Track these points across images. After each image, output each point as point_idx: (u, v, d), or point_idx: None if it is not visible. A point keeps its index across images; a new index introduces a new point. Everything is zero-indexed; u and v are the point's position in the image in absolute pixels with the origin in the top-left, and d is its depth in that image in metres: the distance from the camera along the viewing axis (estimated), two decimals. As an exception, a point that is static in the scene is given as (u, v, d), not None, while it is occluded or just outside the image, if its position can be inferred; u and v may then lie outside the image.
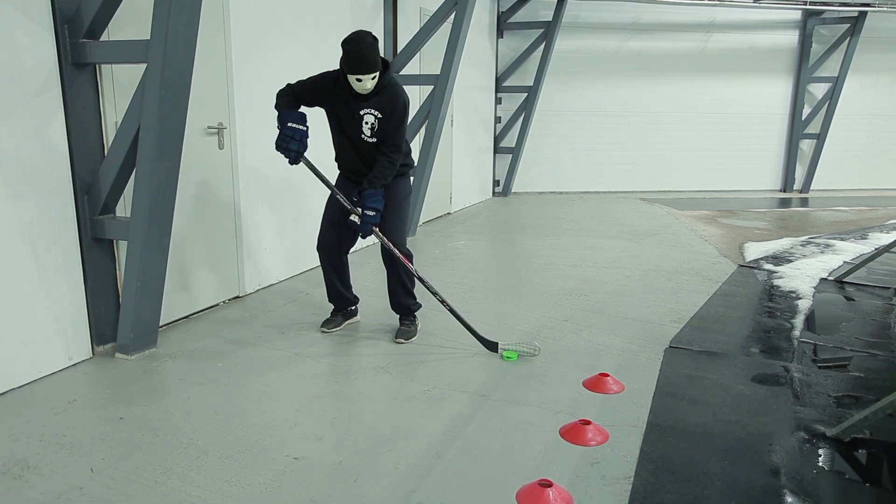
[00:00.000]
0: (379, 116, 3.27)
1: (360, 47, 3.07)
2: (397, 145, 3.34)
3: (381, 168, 3.32)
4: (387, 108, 3.26)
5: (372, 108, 3.27)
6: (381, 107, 3.27)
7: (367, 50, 3.08)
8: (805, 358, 3.48)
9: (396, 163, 3.36)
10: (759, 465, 2.39)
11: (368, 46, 3.09)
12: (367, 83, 3.15)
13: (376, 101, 3.26)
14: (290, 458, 2.40)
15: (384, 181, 3.33)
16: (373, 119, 3.28)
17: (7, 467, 2.30)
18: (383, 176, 3.32)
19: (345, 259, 3.71)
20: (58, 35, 2.98)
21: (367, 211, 3.28)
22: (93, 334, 3.28)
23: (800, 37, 10.66)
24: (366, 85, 3.16)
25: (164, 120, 2.99)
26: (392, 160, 3.33)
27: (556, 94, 10.16)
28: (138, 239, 3.12)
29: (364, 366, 3.31)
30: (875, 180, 11.35)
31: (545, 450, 2.49)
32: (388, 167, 3.32)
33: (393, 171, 3.36)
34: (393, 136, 3.32)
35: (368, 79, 3.14)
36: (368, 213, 3.28)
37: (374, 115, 3.27)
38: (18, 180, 2.87)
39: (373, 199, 3.28)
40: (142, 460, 2.36)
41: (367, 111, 3.28)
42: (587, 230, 7.29)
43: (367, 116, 3.28)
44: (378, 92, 3.25)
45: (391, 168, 3.34)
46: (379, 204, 3.29)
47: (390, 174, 3.35)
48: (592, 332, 3.82)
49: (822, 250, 6.27)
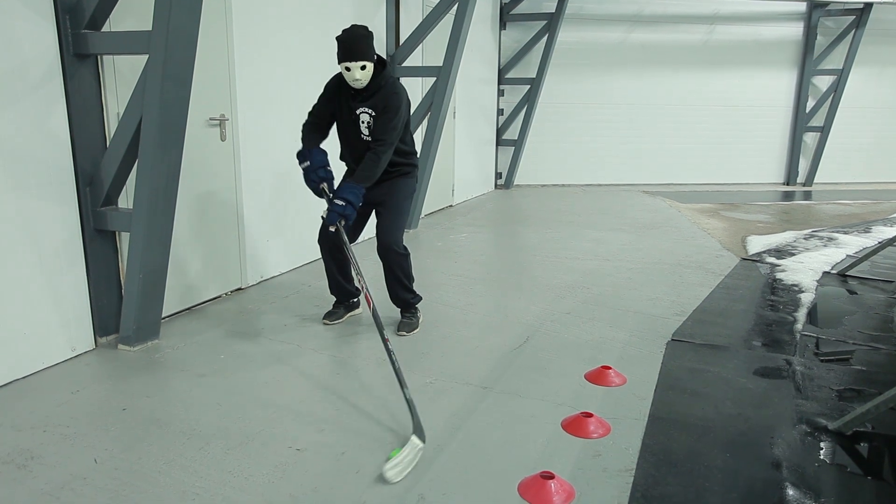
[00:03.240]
0: (373, 115, 3.27)
1: (350, 35, 3.12)
2: (384, 140, 3.25)
3: (367, 163, 3.25)
4: (380, 106, 3.25)
5: (367, 108, 3.27)
6: (375, 105, 3.26)
7: (356, 38, 3.12)
8: (807, 351, 3.48)
9: (383, 159, 3.28)
10: (761, 458, 2.39)
11: (358, 36, 3.12)
12: (357, 73, 3.13)
13: (372, 101, 3.26)
14: (292, 449, 2.40)
15: (368, 176, 3.26)
16: (368, 118, 3.27)
17: (11, 457, 2.31)
18: (368, 170, 3.25)
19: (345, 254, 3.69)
20: (59, 26, 2.97)
21: (336, 200, 3.20)
22: (95, 326, 3.29)
23: (804, 29, 10.60)
24: (355, 75, 3.14)
25: (165, 111, 2.99)
26: (378, 155, 3.26)
27: (559, 87, 10.12)
28: (140, 230, 3.12)
29: (366, 358, 3.32)
30: (879, 173, 11.31)
31: (547, 442, 2.49)
32: (373, 162, 3.25)
33: (378, 167, 3.27)
34: (382, 132, 3.26)
35: (357, 68, 3.12)
36: (336, 203, 3.19)
37: (369, 113, 3.27)
38: (20, 172, 2.87)
39: (347, 191, 3.20)
40: (144, 451, 2.37)
41: (363, 110, 3.28)
42: (589, 223, 7.28)
43: (363, 115, 3.28)
44: (376, 91, 3.25)
45: (376, 164, 3.26)
46: (353, 197, 3.20)
47: (376, 170, 3.27)
48: (595, 325, 3.82)
49: (825, 244, 6.25)
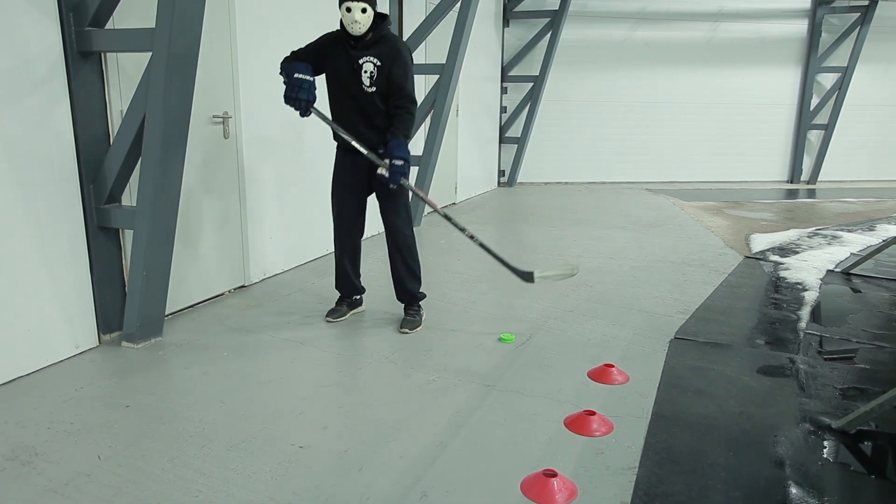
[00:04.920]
0: (378, 64, 3.27)
1: None
2: (409, 95, 3.33)
3: (401, 120, 3.31)
4: (386, 55, 3.26)
5: (370, 56, 3.27)
6: (380, 54, 3.27)
7: None
8: (811, 350, 3.47)
9: (414, 113, 3.36)
10: (765, 457, 2.39)
11: None
12: (357, 14, 3.15)
13: (374, 50, 3.28)
14: (295, 446, 2.41)
15: (407, 131, 3.33)
16: (371, 67, 3.27)
17: (15, 454, 2.32)
18: (405, 126, 3.32)
19: (358, 242, 3.71)
20: (63, 23, 2.97)
21: (395, 161, 3.23)
22: (99, 323, 3.30)
23: (809, 26, 10.55)
24: (355, 16, 3.15)
25: (169, 109, 2.99)
26: (410, 111, 3.33)
27: (563, 84, 10.10)
28: (144, 228, 3.12)
29: (369, 355, 3.32)
30: (883, 171, 11.26)
31: (550, 440, 2.49)
32: (407, 118, 3.32)
33: (412, 121, 3.36)
34: (403, 86, 3.30)
35: (358, 10, 3.14)
36: (396, 163, 3.23)
37: (372, 62, 3.27)
38: (24, 169, 2.87)
39: (400, 149, 3.25)
40: (148, 448, 2.37)
41: (366, 59, 3.27)
42: (593, 221, 7.27)
43: (366, 65, 3.27)
44: (376, 42, 3.28)
45: (410, 119, 3.34)
46: (406, 153, 3.27)
47: (411, 124, 3.35)
48: (598, 323, 3.82)
49: (829, 242, 6.24)
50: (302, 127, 4.79)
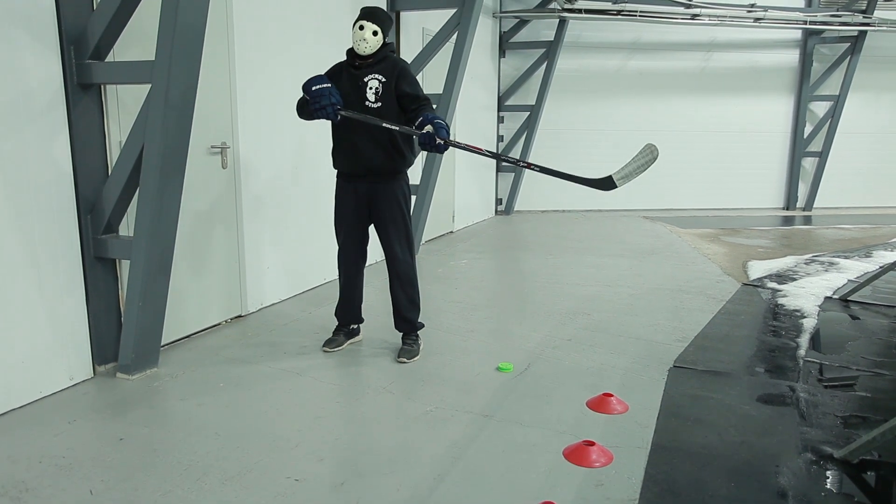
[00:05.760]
0: (382, 80, 3.39)
1: (376, 7, 3.46)
2: (424, 97, 3.46)
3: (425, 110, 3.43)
4: (389, 71, 3.41)
5: (375, 73, 3.40)
6: (383, 70, 3.41)
7: (380, 9, 3.45)
8: (811, 377, 3.45)
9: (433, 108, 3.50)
10: (767, 487, 2.36)
11: (383, 10, 3.46)
12: (368, 34, 3.33)
13: (378, 68, 3.41)
14: (291, 479, 2.37)
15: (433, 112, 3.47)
16: (377, 83, 3.39)
17: (6, 489, 2.28)
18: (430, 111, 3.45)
19: (361, 269, 3.72)
20: (64, 56, 3.01)
21: (436, 120, 3.32)
22: (94, 354, 3.27)
23: (800, 56, 10.71)
24: (365, 35, 3.33)
25: (167, 140, 3.01)
26: (430, 106, 3.47)
27: (559, 113, 10.20)
28: (141, 258, 3.12)
29: (366, 386, 3.29)
30: (878, 198, 11.33)
31: (549, 471, 2.46)
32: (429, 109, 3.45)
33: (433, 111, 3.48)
34: (416, 94, 3.42)
35: (370, 30, 3.33)
36: (438, 121, 3.31)
37: (377, 79, 3.39)
38: (22, 199, 2.88)
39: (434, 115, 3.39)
40: (141, 482, 2.33)
41: (371, 76, 3.40)
42: (590, 248, 7.29)
43: (371, 81, 3.40)
44: (379, 62, 3.42)
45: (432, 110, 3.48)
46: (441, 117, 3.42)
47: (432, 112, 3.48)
48: (596, 352, 3.80)
49: (826, 268, 6.24)
50: (300, 158, 4.82)
